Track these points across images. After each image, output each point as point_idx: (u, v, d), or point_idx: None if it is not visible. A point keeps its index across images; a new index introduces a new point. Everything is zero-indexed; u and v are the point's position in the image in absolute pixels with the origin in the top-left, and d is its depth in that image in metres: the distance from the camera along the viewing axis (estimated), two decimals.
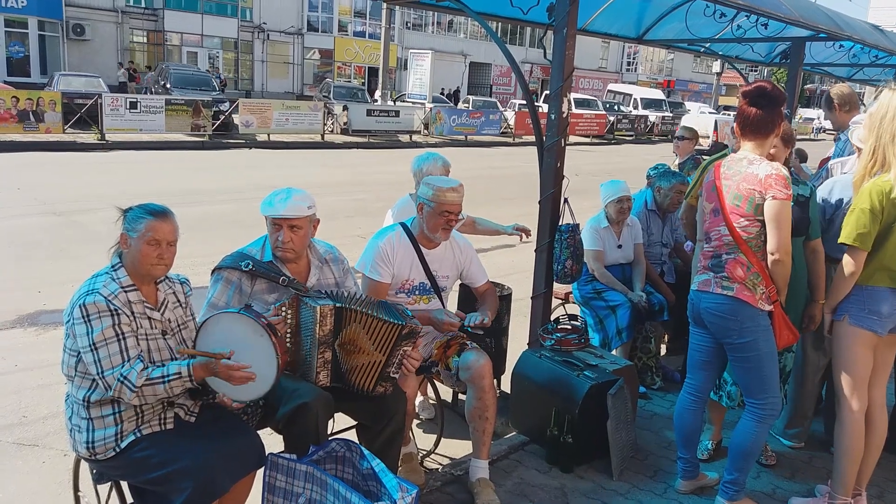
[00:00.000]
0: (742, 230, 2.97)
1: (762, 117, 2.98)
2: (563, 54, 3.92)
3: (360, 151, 19.68)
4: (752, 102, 3.00)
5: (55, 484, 3.50)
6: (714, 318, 3.08)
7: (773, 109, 2.98)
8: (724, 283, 3.02)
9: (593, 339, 4.55)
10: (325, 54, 38.32)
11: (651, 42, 6.56)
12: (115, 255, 2.50)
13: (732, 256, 3.01)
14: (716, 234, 3.08)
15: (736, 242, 2.99)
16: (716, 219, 3.08)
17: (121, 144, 16.26)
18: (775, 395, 3.10)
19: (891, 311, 3.01)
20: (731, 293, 2.99)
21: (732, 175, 3.03)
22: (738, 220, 2.98)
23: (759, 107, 2.98)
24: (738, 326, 3.00)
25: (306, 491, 2.58)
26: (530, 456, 3.73)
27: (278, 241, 2.86)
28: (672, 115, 33.06)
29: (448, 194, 3.29)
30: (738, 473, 3.18)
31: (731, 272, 3.00)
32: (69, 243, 7.93)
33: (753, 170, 2.95)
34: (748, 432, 3.11)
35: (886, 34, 6.36)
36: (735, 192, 2.99)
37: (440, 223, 3.34)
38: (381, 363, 2.86)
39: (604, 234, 4.74)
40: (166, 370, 2.35)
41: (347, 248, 3.65)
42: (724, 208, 3.02)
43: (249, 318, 2.45)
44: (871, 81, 9.45)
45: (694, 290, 3.19)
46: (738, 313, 2.99)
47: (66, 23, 28.75)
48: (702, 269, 3.17)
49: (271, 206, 2.84)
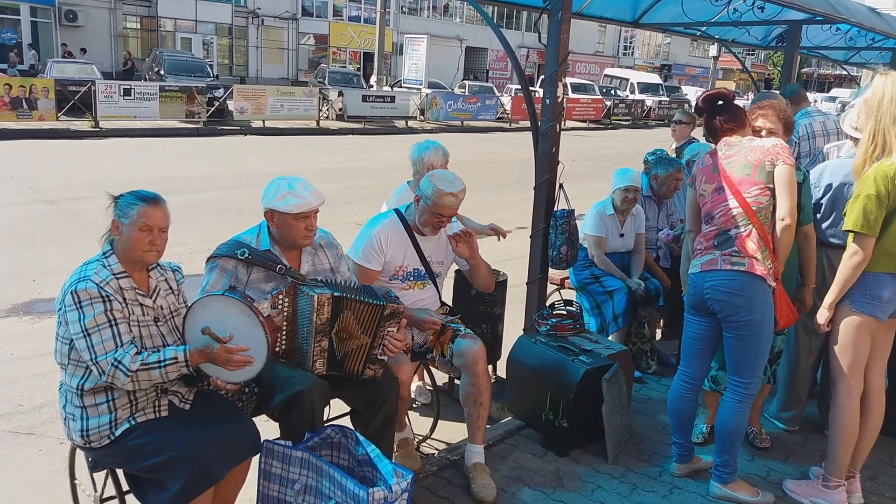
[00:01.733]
0: (753, 200, 2.98)
1: (727, 119, 3.16)
2: (559, 38, 3.90)
3: (355, 137, 19.60)
4: (711, 113, 3.23)
5: (51, 472, 3.51)
6: (722, 295, 3.03)
7: (729, 106, 3.19)
8: (734, 258, 2.99)
9: (590, 323, 4.55)
10: (320, 39, 38.07)
11: (647, 26, 6.52)
12: (107, 242, 2.48)
13: (742, 230, 2.99)
14: (721, 211, 3.05)
15: (746, 214, 2.98)
16: (719, 196, 3.07)
17: (115, 132, 16.17)
18: (760, 375, 3.15)
19: (892, 296, 3.00)
20: (743, 268, 2.97)
21: (735, 152, 3.06)
22: (748, 188, 2.98)
23: (718, 113, 3.20)
24: (747, 303, 2.98)
25: (302, 477, 2.59)
26: (526, 440, 3.75)
27: (306, 230, 2.85)
28: (669, 99, 32.97)
29: (447, 199, 3.27)
30: (728, 455, 3.20)
31: (741, 246, 2.98)
32: (63, 231, 7.90)
33: (758, 143, 3.03)
34: (732, 413, 3.13)
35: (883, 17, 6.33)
36: (743, 163, 3.01)
37: (431, 221, 3.35)
38: (368, 345, 2.86)
39: (608, 221, 4.71)
40: (162, 355, 2.34)
41: (343, 235, 3.64)
42: (731, 183, 3.02)
43: (235, 298, 2.43)
44: (867, 65, 9.43)
45: (695, 273, 3.15)
46: (750, 288, 2.97)
47: (59, 9, 28.46)
48: (703, 251, 3.14)
49: (296, 201, 2.78)
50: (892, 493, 3.46)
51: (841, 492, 3.22)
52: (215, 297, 2.48)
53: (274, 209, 2.82)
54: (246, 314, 2.42)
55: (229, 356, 2.36)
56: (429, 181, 3.32)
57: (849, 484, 3.28)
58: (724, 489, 3.24)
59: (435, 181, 3.30)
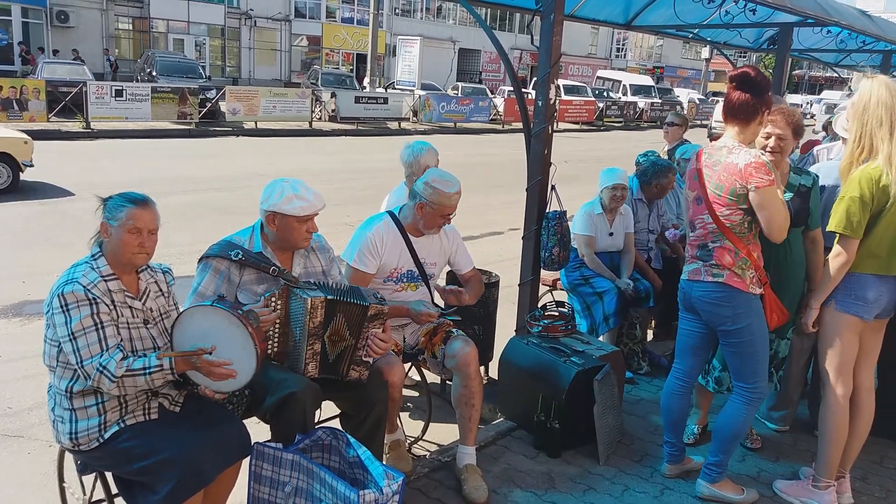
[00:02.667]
0: (725, 219, 2.96)
1: (744, 102, 2.95)
2: (551, 40, 3.91)
3: (348, 139, 19.58)
4: (736, 87, 2.98)
5: (40, 475, 3.49)
6: (707, 306, 3.07)
7: (757, 96, 2.94)
8: (714, 270, 3.01)
9: (580, 325, 4.56)
10: (313, 41, 38.01)
11: (639, 28, 6.54)
12: (96, 244, 2.47)
13: (719, 244, 3.00)
14: (700, 223, 3.07)
15: (721, 230, 2.98)
16: (699, 207, 3.06)
17: (106, 133, 16.10)
18: (765, 379, 3.14)
19: (877, 296, 3.03)
20: (722, 279, 2.99)
21: (713, 164, 3.01)
22: (720, 209, 2.96)
23: (743, 91, 2.96)
24: (731, 313, 3.00)
25: (293, 480, 2.58)
26: (517, 442, 3.75)
27: (307, 232, 2.86)
28: (661, 101, 33.08)
29: (453, 198, 3.33)
30: (723, 456, 3.21)
31: (719, 259, 3.00)
32: (54, 233, 7.86)
33: (733, 159, 2.92)
34: (737, 416, 3.12)
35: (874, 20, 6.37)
36: (716, 182, 2.97)
37: (437, 223, 3.39)
38: (353, 346, 2.85)
39: (597, 221, 4.73)
40: (148, 361, 2.32)
41: (337, 236, 3.64)
42: (707, 197, 3.00)
43: (223, 309, 2.40)
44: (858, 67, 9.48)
45: (685, 280, 3.18)
46: (731, 300, 2.99)
47: (50, 9, 28.33)
48: (690, 259, 3.16)
49: (302, 204, 2.77)
50: (882, 493, 3.47)
51: (831, 492, 3.23)
52: (204, 307, 2.45)
53: (277, 211, 2.80)
54: (235, 325, 2.39)
55: (211, 368, 2.34)
56: (427, 186, 3.32)
57: (839, 484, 3.29)
58: (712, 488, 3.25)
59: (435, 184, 3.31)
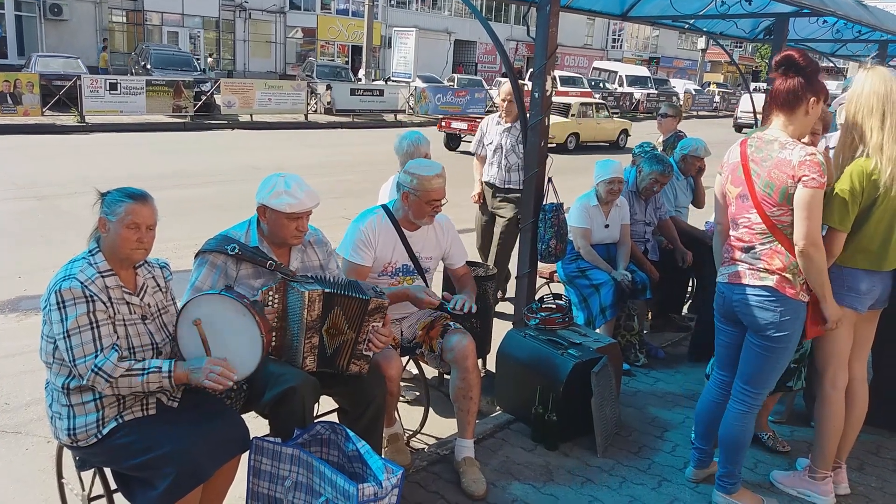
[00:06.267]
0: (776, 220, 2.77)
1: (791, 89, 2.77)
2: (547, 31, 3.89)
3: (344, 131, 19.53)
4: (782, 72, 2.79)
5: (39, 471, 3.48)
6: (750, 310, 2.85)
7: (805, 79, 2.74)
8: (762, 273, 2.81)
9: (577, 317, 4.56)
10: (308, 33, 37.86)
11: (635, 19, 6.51)
12: (93, 239, 2.46)
13: (768, 246, 2.80)
14: (745, 222, 2.86)
15: (770, 232, 2.78)
16: (744, 205, 2.86)
17: (101, 126, 16.04)
18: (771, 388, 3.03)
19: (869, 287, 3.02)
20: (771, 284, 2.78)
21: (762, 160, 2.79)
22: (770, 209, 2.76)
23: (787, 77, 2.77)
24: (777, 319, 2.79)
25: (292, 474, 2.58)
26: (515, 434, 3.76)
27: (297, 230, 2.83)
28: (657, 92, 33.04)
29: (434, 181, 3.27)
30: (732, 466, 3.09)
31: (768, 263, 2.80)
32: (49, 228, 7.84)
33: (786, 155, 2.72)
34: (738, 423, 3.02)
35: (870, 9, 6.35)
36: (766, 180, 2.76)
37: (426, 211, 3.34)
38: (353, 340, 2.85)
39: (592, 213, 4.73)
40: (147, 363, 2.33)
41: (333, 230, 3.63)
42: (755, 195, 2.80)
43: (231, 298, 2.42)
44: (854, 57, 9.47)
45: (723, 283, 2.97)
46: (779, 306, 2.78)
47: (43, 3, 28.14)
48: (731, 261, 2.94)
49: (290, 201, 2.75)
50: (879, 483, 3.49)
51: (828, 482, 3.25)
52: (211, 295, 2.46)
53: (267, 205, 2.80)
54: (242, 313, 2.41)
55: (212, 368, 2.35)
56: (407, 175, 3.31)
57: (835, 474, 3.31)
58: (729, 499, 3.13)
59: (415, 172, 3.29)
